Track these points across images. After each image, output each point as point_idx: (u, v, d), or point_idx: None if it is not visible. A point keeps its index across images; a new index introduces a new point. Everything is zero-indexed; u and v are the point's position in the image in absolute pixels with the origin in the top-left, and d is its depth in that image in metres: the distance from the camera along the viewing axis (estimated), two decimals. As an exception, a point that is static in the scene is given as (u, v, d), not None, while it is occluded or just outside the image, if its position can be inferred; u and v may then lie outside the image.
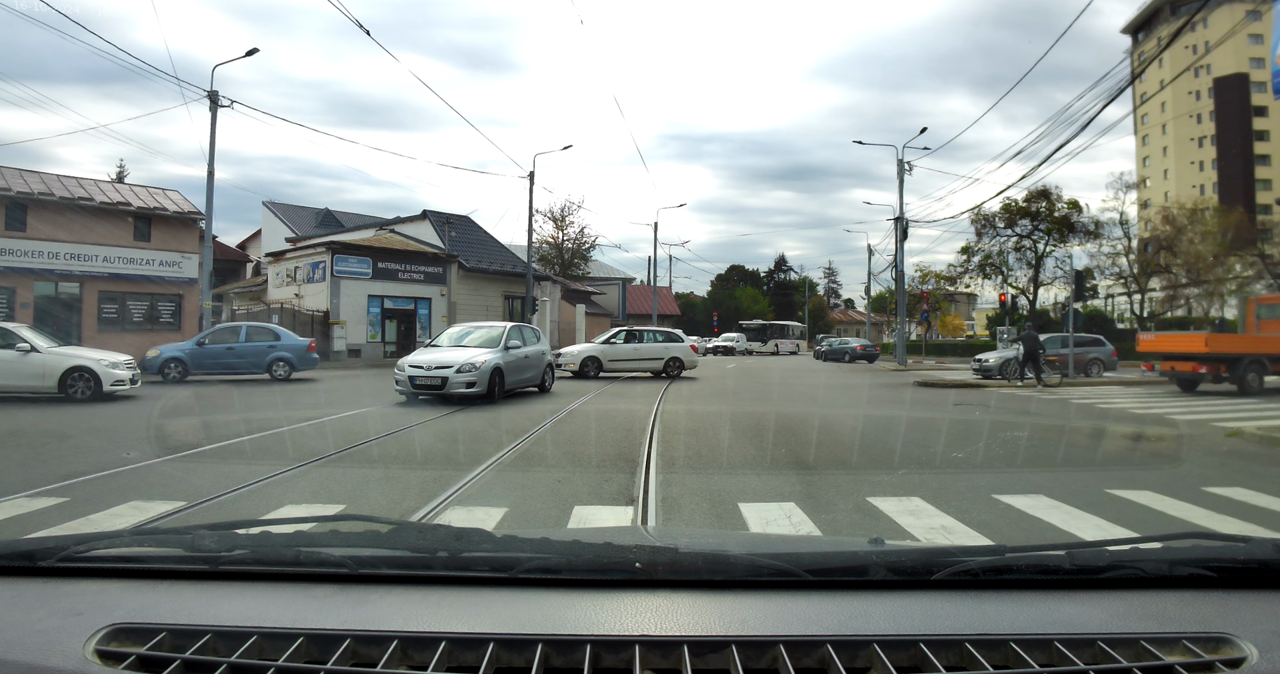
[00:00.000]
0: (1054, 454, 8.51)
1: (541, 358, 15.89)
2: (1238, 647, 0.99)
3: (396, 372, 13.46)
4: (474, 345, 14.38)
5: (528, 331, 16.10)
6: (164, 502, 5.48)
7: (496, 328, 15.26)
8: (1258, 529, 5.03)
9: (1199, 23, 48.23)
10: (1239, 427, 10.34)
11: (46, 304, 23.95)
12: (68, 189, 25.00)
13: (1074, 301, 24.10)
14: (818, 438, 9.23)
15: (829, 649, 0.98)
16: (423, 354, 13.98)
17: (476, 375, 12.92)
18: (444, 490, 5.85)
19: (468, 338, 14.94)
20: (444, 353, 13.83)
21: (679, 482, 6.46)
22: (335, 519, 1.64)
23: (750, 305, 75.94)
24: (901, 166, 32.83)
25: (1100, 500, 5.77)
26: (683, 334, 24.83)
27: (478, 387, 12.91)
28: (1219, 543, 1.28)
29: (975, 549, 1.26)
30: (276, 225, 45.49)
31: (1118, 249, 44.87)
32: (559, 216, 56.39)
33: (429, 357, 13.62)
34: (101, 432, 9.59)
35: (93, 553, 1.25)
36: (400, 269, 32.42)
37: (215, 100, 22.48)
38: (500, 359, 13.70)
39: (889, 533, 4.73)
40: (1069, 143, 47.54)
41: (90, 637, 1.00)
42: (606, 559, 1.22)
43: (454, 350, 14.00)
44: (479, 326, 15.92)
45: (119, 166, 52.40)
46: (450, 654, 0.99)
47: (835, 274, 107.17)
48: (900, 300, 35.02)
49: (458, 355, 13.44)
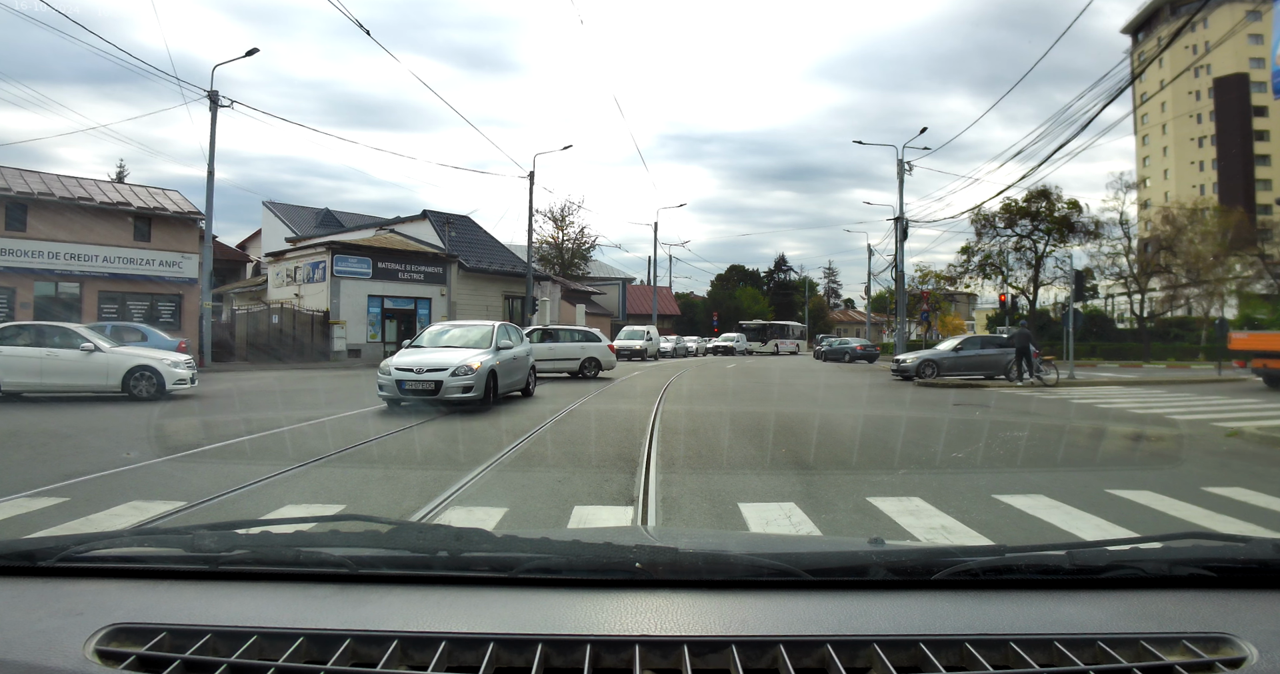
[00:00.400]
0: (1054, 454, 8.51)
1: (527, 359, 14.97)
2: (1238, 647, 0.99)
3: (380, 375, 12.05)
4: (463, 346, 13.35)
5: (513, 331, 15.14)
6: (164, 502, 5.48)
7: (484, 327, 14.21)
8: (1258, 529, 5.03)
9: (1199, 23, 48.24)
10: (1239, 427, 10.34)
11: (46, 304, 23.96)
12: (68, 189, 25.01)
13: (1074, 301, 24.11)
14: (818, 438, 9.24)
15: (829, 649, 0.98)
16: (409, 356, 12.69)
17: (474, 379, 11.88)
18: (444, 490, 5.86)
19: (454, 337, 13.90)
20: (433, 354, 12.66)
21: (679, 482, 6.46)
22: (335, 519, 1.64)
23: (750, 305, 75.96)
24: (901, 166, 32.86)
25: (1100, 500, 5.77)
26: (600, 333, 23.80)
27: (474, 391, 11.86)
28: (1219, 543, 1.28)
29: (975, 549, 1.26)
30: (276, 225, 45.51)
31: (1118, 249, 44.91)
32: (559, 216, 56.48)
33: (417, 358, 12.37)
34: (102, 431, 9.59)
35: (93, 553, 1.25)
36: (400, 269, 32.44)
37: (215, 100, 22.49)
38: (495, 361, 12.75)
39: (889, 533, 4.73)
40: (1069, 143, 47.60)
41: (90, 637, 1.00)
42: (606, 559, 1.22)
43: (443, 351, 12.88)
44: (465, 325, 14.90)
45: (119, 166, 52.52)
46: (450, 654, 0.99)
47: (835, 274, 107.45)
48: (900, 300, 35.04)
49: (451, 357, 12.35)
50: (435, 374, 11.80)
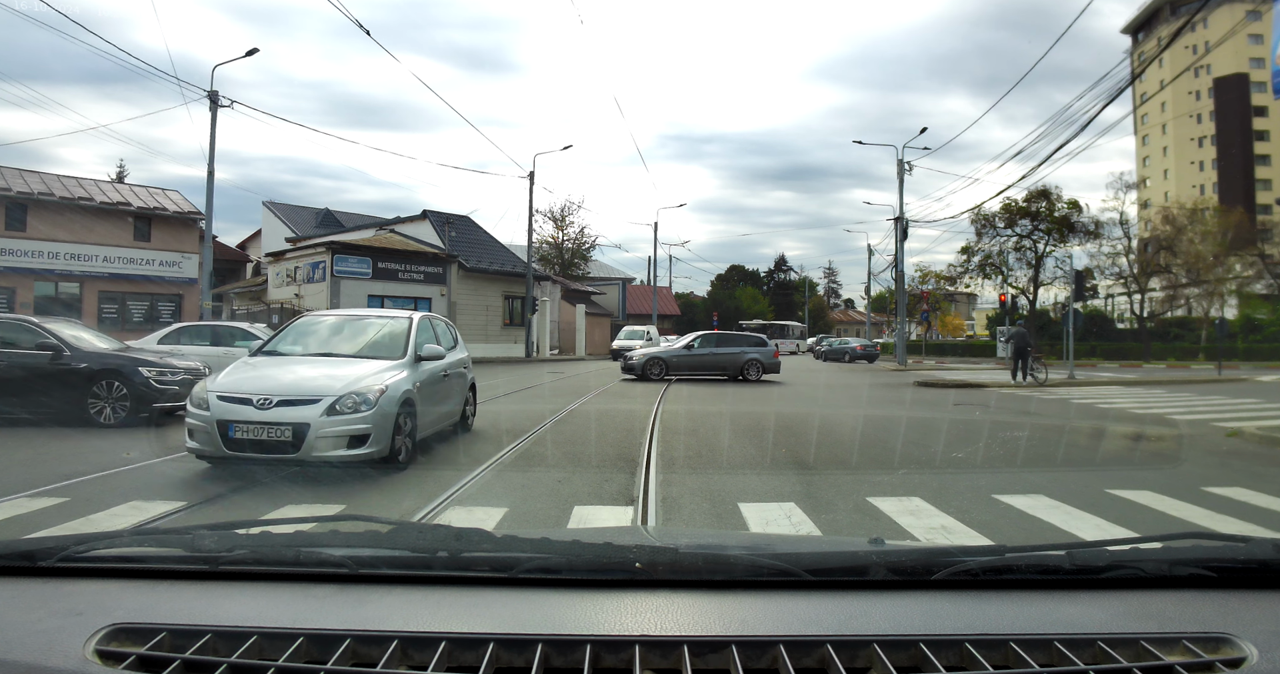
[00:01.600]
0: (1054, 454, 8.51)
1: (465, 375, 9.45)
2: (1238, 647, 0.99)
3: (192, 410, 6.50)
4: (353, 354, 7.66)
5: (440, 326, 9.24)
6: (164, 502, 5.49)
7: (395, 321, 8.35)
8: (1258, 529, 5.03)
9: (1199, 23, 48.22)
10: (1239, 427, 10.34)
11: (46, 304, 23.97)
12: (68, 189, 25.02)
13: (1074, 301, 24.10)
14: (818, 438, 9.24)
15: (829, 649, 0.98)
16: (248, 371, 7.00)
17: (370, 419, 6.40)
18: (444, 491, 5.86)
19: (339, 339, 8.10)
20: (297, 368, 7.11)
21: (679, 482, 6.46)
22: (335, 519, 1.64)
23: (750, 305, 75.94)
24: (901, 166, 32.84)
25: (1100, 500, 5.77)
26: None
27: (371, 443, 6.41)
28: (1219, 543, 1.28)
29: (975, 549, 1.26)
30: (276, 225, 45.49)
31: (1118, 249, 44.88)
32: (559, 216, 56.53)
33: (262, 377, 6.75)
34: (102, 431, 9.59)
35: (93, 553, 1.25)
36: (400, 269, 32.45)
37: (215, 100, 22.47)
38: (413, 382, 7.21)
39: (889, 533, 4.73)
40: (1069, 143, 47.59)
41: (90, 637, 1.00)
42: (606, 559, 1.22)
43: (317, 364, 7.23)
44: (363, 317, 8.85)
45: (119, 167, 52.50)
46: (450, 654, 0.99)
47: (835, 274, 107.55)
48: (900, 300, 35.03)
49: (327, 375, 6.80)
50: (294, 411, 6.25)
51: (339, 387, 6.47)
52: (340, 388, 6.46)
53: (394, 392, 6.74)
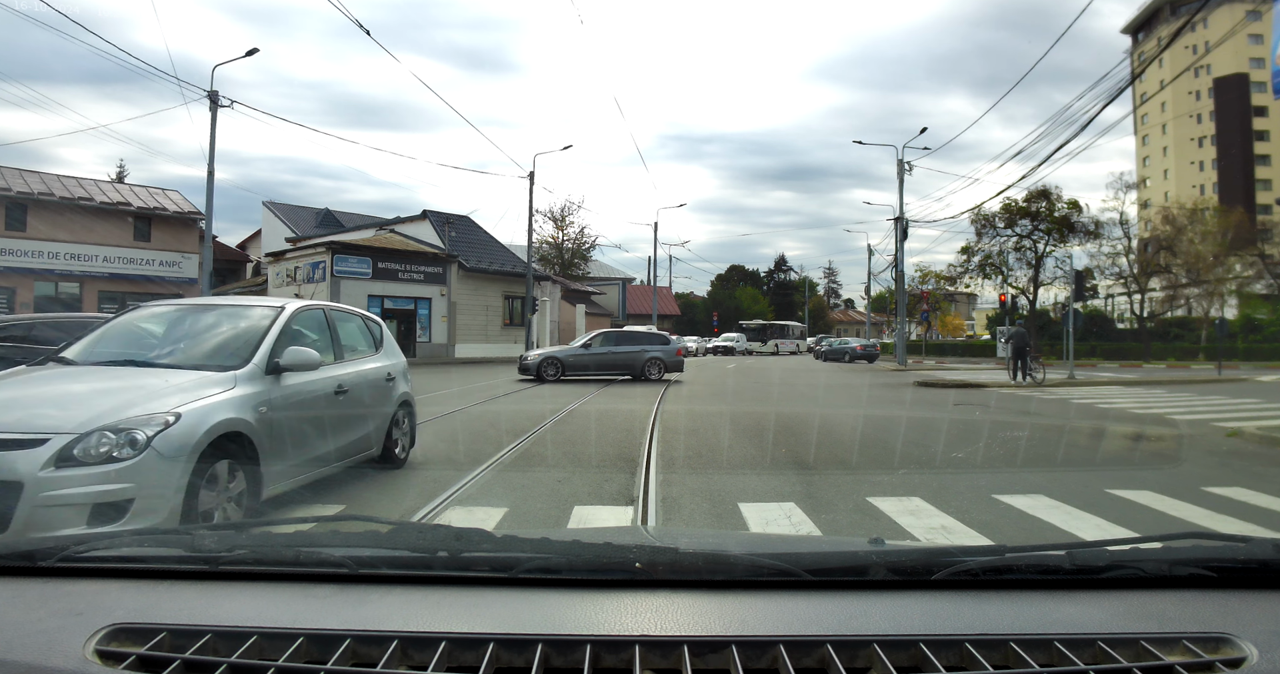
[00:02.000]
0: (1054, 454, 8.50)
1: (386, 390, 6.63)
2: (1238, 647, 0.99)
3: None
4: (171, 363, 4.91)
5: (349, 325, 6.69)
6: (164, 502, 5.47)
7: (252, 315, 5.53)
8: (1258, 529, 5.02)
9: (1199, 23, 48.25)
10: (1239, 427, 10.33)
11: (46, 304, 23.98)
12: (68, 189, 25.02)
13: (1074, 301, 24.10)
14: (818, 438, 9.23)
15: (829, 649, 0.98)
16: None
17: (133, 473, 3.61)
18: (444, 490, 5.85)
19: (162, 341, 5.38)
20: (59, 384, 4.51)
21: (679, 481, 6.45)
22: (335, 519, 1.65)
23: (750, 305, 76.03)
24: (901, 167, 32.84)
25: (1100, 500, 5.77)
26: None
27: (136, 514, 3.57)
28: (1219, 543, 1.28)
29: (975, 549, 1.26)
30: (276, 225, 45.50)
31: (1118, 249, 44.91)
32: (559, 216, 56.55)
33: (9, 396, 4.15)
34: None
35: (93, 553, 1.25)
36: (400, 269, 32.47)
37: (215, 100, 22.47)
38: (252, 403, 4.59)
39: (889, 533, 4.73)
40: (1069, 143, 47.52)
41: (90, 637, 1.00)
42: (606, 559, 1.22)
43: (103, 376, 4.60)
44: (205, 308, 5.90)
45: (119, 167, 52.51)
46: (450, 654, 0.99)
47: (835, 274, 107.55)
48: (900, 300, 35.02)
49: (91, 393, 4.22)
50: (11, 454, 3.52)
51: (83, 416, 3.74)
52: (84, 418, 3.72)
53: (196, 424, 4.00)
